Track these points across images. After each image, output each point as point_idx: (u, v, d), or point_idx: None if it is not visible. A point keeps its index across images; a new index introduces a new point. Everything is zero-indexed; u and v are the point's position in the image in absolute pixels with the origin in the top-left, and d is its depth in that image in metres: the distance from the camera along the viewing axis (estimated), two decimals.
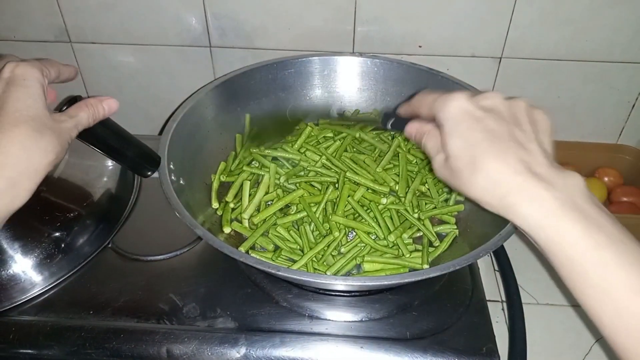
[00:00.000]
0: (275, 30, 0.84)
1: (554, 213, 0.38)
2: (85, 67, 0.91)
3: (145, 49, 0.87)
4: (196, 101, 0.70)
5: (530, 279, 0.75)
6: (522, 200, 0.39)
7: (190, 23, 0.84)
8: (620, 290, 0.36)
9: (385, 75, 0.80)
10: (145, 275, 0.64)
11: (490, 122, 0.41)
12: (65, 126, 0.46)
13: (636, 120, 0.90)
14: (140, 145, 0.59)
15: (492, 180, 0.40)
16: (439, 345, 0.56)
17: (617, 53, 0.82)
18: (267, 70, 0.78)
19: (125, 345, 0.57)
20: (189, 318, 0.59)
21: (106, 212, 0.71)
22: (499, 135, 0.40)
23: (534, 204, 0.38)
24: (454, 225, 0.67)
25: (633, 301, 0.36)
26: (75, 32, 0.87)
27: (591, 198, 0.39)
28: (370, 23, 0.82)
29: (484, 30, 0.81)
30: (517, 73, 0.85)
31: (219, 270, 0.64)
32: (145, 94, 0.93)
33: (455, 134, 0.42)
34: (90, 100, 0.50)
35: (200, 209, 0.65)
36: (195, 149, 0.69)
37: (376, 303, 0.61)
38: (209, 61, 0.88)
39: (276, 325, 0.58)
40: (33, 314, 0.60)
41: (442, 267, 0.50)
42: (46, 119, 0.43)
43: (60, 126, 0.45)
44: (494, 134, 0.40)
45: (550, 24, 0.79)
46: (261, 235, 0.63)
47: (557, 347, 0.67)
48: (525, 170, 0.39)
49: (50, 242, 0.64)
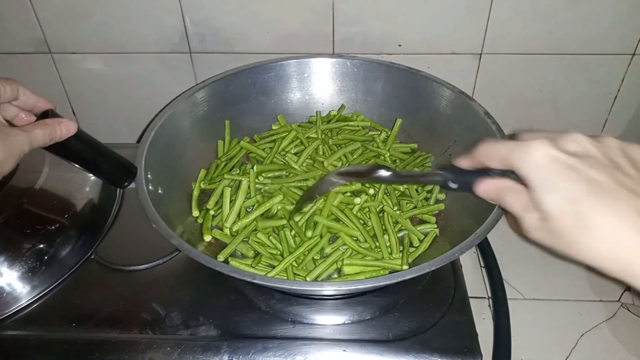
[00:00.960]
0: (255, 34, 0.84)
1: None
2: (66, 77, 0.91)
3: (125, 57, 0.87)
4: (174, 109, 0.69)
5: (516, 273, 0.75)
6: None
7: (169, 30, 0.84)
8: None
9: (365, 75, 0.80)
10: (128, 285, 0.64)
11: (589, 171, 0.34)
12: (16, 139, 0.46)
13: (619, 111, 0.90)
14: (115, 156, 0.59)
15: (610, 241, 0.33)
16: (421, 345, 0.56)
17: (597, 45, 0.81)
18: (246, 75, 0.77)
19: (108, 356, 0.57)
20: (172, 327, 0.59)
21: (88, 223, 0.71)
22: (604, 185, 0.33)
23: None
24: (435, 225, 0.67)
25: None
26: (54, 43, 0.86)
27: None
28: (349, 24, 0.82)
29: (462, 27, 0.81)
30: (498, 69, 0.85)
31: (201, 278, 0.64)
32: (127, 102, 0.93)
33: (551, 189, 0.35)
34: (48, 120, 0.51)
35: (180, 218, 0.65)
36: (175, 158, 0.69)
37: (359, 305, 0.61)
38: (189, 67, 0.88)
39: (259, 331, 0.58)
40: (16, 328, 0.59)
41: (419, 269, 0.49)
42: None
43: (8, 137, 0.46)
44: (598, 185, 0.33)
45: (528, 18, 0.79)
46: (241, 241, 0.63)
47: (543, 342, 0.67)
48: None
49: (32, 254, 0.64)
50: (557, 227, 0.35)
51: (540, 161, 0.35)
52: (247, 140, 0.78)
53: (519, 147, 0.36)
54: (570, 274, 0.75)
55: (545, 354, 0.66)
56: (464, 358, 0.55)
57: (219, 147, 0.77)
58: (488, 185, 0.41)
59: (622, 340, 0.67)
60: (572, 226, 0.34)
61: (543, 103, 0.90)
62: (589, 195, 0.33)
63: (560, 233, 0.35)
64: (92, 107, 0.95)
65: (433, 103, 0.74)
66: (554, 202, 0.34)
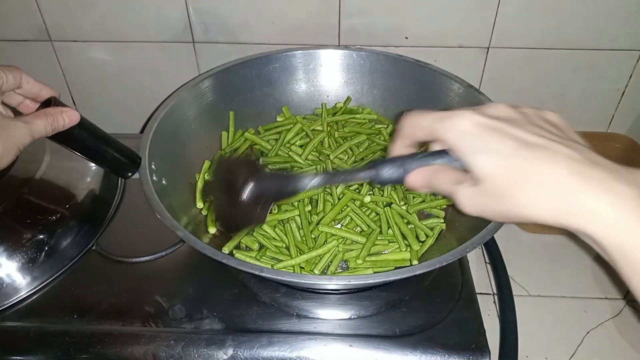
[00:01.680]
0: (259, 24, 0.82)
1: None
2: (66, 65, 0.89)
3: (127, 46, 0.86)
4: (178, 99, 0.68)
5: (521, 270, 0.74)
6: (597, 204, 0.31)
7: (172, 19, 0.82)
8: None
9: (371, 67, 0.79)
10: (130, 277, 0.63)
11: (515, 130, 0.34)
12: (16, 131, 0.45)
13: (626, 108, 0.89)
14: (119, 146, 0.58)
15: (549, 190, 0.32)
16: (428, 341, 0.55)
17: (606, 41, 0.81)
18: (251, 66, 0.76)
19: (110, 349, 0.56)
20: (175, 320, 0.58)
21: (90, 214, 0.69)
22: (531, 140, 0.33)
23: (615, 205, 0.30)
24: (442, 220, 0.66)
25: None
26: (55, 31, 0.85)
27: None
28: (355, 16, 0.81)
29: (470, 20, 0.80)
30: (505, 63, 0.85)
31: (205, 271, 0.63)
32: (128, 91, 0.92)
33: (481, 150, 0.34)
34: (50, 109, 0.49)
35: (184, 209, 0.64)
36: (178, 148, 0.68)
37: (365, 300, 0.60)
38: (192, 57, 0.87)
39: (264, 325, 0.57)
40: (16, 320, 0.59)
41: (428, 264, 0.49)
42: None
43: (8, 129, 0.44)
44: (525, 140, 0.33)
45: (537, 12, 0.78)
46: (246, 234, 0.62)
47: (549, 339, 0.66)
48: (587, 166, 0.32)
49: (33, 245, 0.63)
50: (492, 188, 0.34)
51: (465, 127, 0.35)
52: (251, 132, 0.76)
53: (444, 117, 0.36)
54: (576, 271, 0.75)
55: (550, 351, 0.65)
56: (472, 354, 0.54)
57: (223, 139, 0.76)
58: (416, 174, 0.40)
59: (627, 338, 0.66)
60: (508, 182, 0.33)
61: (550, 98, 0.89)
62: (520, 150, 0.33)
63: (497, 192, 0.34)
64: (93, 97, 0.94)
65: (441, 97, 0.73)
66: (486, 163, 0.34)
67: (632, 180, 0.31)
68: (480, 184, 0.35)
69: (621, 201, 0.30)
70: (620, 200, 0.30)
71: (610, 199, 0.30)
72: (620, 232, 0.30)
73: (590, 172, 0.32)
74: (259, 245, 0.63)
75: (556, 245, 0.78)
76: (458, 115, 0.36)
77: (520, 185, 0.33)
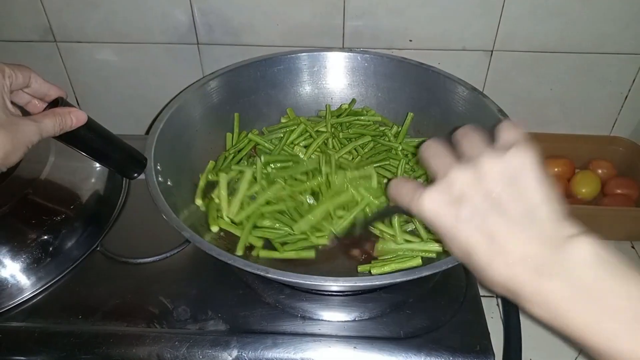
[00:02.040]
0: (264, 26, 0.83)
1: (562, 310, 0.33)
2: (71, 66, 0.90)
3: (132, 47, 0.86)
4: (183, 100, 0.68)
5: None
6: (531, 306, 0.35)
7: (177, 20, 0.82)
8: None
9: (375, 70, 0.79)
10: (135, 278, 0.63)
11: (471, 221, 0.36)
12: (25, 129, 0.45)
13: (629, 111, 0.89)
14: (125, 147, 0.58)
15: (499, 284, 0.36)
16: (433, 343, 0.56)
17: (609, 44, 0.81)
18: (256, 67, 0.76)
19: (115, 350, 0.56)
20: (180, 321, 0.58)
21: (94, 214, 0.69)
22: (487, 234, 0.36)
23: (542, 308, 0.34)
24: None
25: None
26: (60, 32, 0.85)
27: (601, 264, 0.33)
28: (359, 18, 0.81)
29: (474, 23, 0.80)
30: (509, 66, 0.85)
31: (209, 272, 0.63)
32: (132, 92, 0.92)
33: (448, 237, 0.38)
34: (58, 109, 0.49)
35: (188, 209, 0.64)
36: (184, 149, 0.68)
37: (370, 302, 0.60)
38: (196, 58, 0.87)
39: (268, 327, 0.57)
40: (21, 320, 0.58)
41: (433, 266, 0.49)
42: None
43: (17, 128, 0.44)
44: (481, 236, 0.36)
45: (541, 16, 0.78)
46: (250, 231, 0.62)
47: (553, 342, 0.66)
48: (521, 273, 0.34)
49: (38, 245, 0.63)
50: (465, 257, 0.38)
51: (430, 215, 0.38)
52: (255, 132, 0.77)
53: (415, 198, 0.38)
54: None
55: (554, 354, 0.65)
56: (476, 357, 0.55)
57: (228, 140, 0.76)
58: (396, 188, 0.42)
59: None
60: (472, 266, 0.37)
61: (553, 102, 0.89)
62: (475, 246, 0.36)
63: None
64: (97, 97, 0.94)
65: (445, 100, 0.73)
66: (454, 250, 0.38)
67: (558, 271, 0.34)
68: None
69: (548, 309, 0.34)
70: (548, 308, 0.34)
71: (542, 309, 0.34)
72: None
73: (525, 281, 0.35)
74: (265, 241, 0.63)
75: None
76: (423, 200, 0.38)
77: (480, 273, 0.37)
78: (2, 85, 0.45)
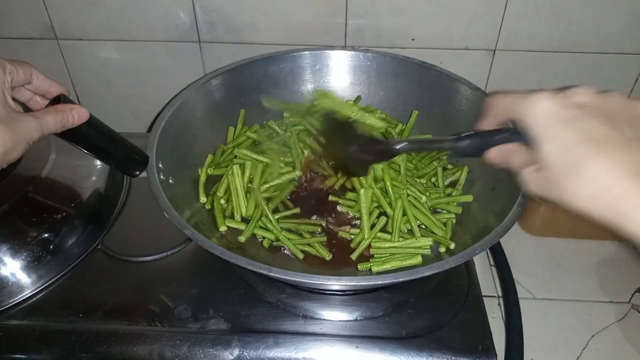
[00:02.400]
0: (266, 24, 0.82)
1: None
2: (72, 64, 0.89)
3: (133, 45, 0.86)
4: (185, 98, 0.68)
5: (526, 273, 0.74)
6: (637, 206, 0.33)
7: (179, 18, 0.82)
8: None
9: (378, 69, 0.79)
10: (135, 276, 0.63)
11: (585, 122, 0.36)
12: (26, 125, 0.44)
13: None
14: (127, 144, 0.57)
15: (597, 186, 0.34)
16: (435, 343, 0.55)
17: (611, 44, 0.81)
18: (258, 66, 0.76)
19: (116, 348, 0.56)
20: (181, 320, 0.58)
21: (95, 213, 0.69)
22: (597, 136, 0.35)
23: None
24: (453, 215, 0.66)
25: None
26: (61, 29, 0.85)
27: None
28: (362, 17, 0.80)
29: (477, 22, 0.80)
30: (512, 65, 0.84)
31: (211, 271, 0.63)
32: (133, 90, 0.92)
33: (548, 139, 0.37)
34: (60, 106, 0.49)
35: (190, 207, 0.64)
36: (185, 147, 0.68)
37: (371, 301, 0.60)
38: (198, 57, 0.87)
39: (270, 326, 0.57)
40: (21, 318, 0.58)
41: (436, 266, 0.49)
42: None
43: (18, 124, 0.44)
44: (591, 134, 0.35)
45: (543, 15, 0.78)
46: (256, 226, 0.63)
47: (554, 342, 0.66)
48: (637, 172, 0.33)
49: (38, 244, 0.63)
50: (550, 176, 0.37)
51: (541, 112, 0.37)
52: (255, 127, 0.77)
53: (525, 99, 0.38)
54: (581, 274, 0.74)
55: (555, 354, 0.65)
56: (478, 357, 0.54)
57: (229, 134, 0.76)
58: (494, 152, 0.44)
59: (632, 341, 0.66)
60: (564, 173, 0.36)
61: None
62: (581, 144, 0.35)
63: (553, 181, 0.37)
64: (98, 95, 0.93)
65: (448, 99, 0.73)
66: (550, 152, 0.36)
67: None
68: (544, 169, 0.37)
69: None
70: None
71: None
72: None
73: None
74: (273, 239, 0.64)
75: (561, 249, 0.78)
76: (537, 99, 0.37)
77: (572, 179, 0.35)
78: (3, 81, 0.45)
